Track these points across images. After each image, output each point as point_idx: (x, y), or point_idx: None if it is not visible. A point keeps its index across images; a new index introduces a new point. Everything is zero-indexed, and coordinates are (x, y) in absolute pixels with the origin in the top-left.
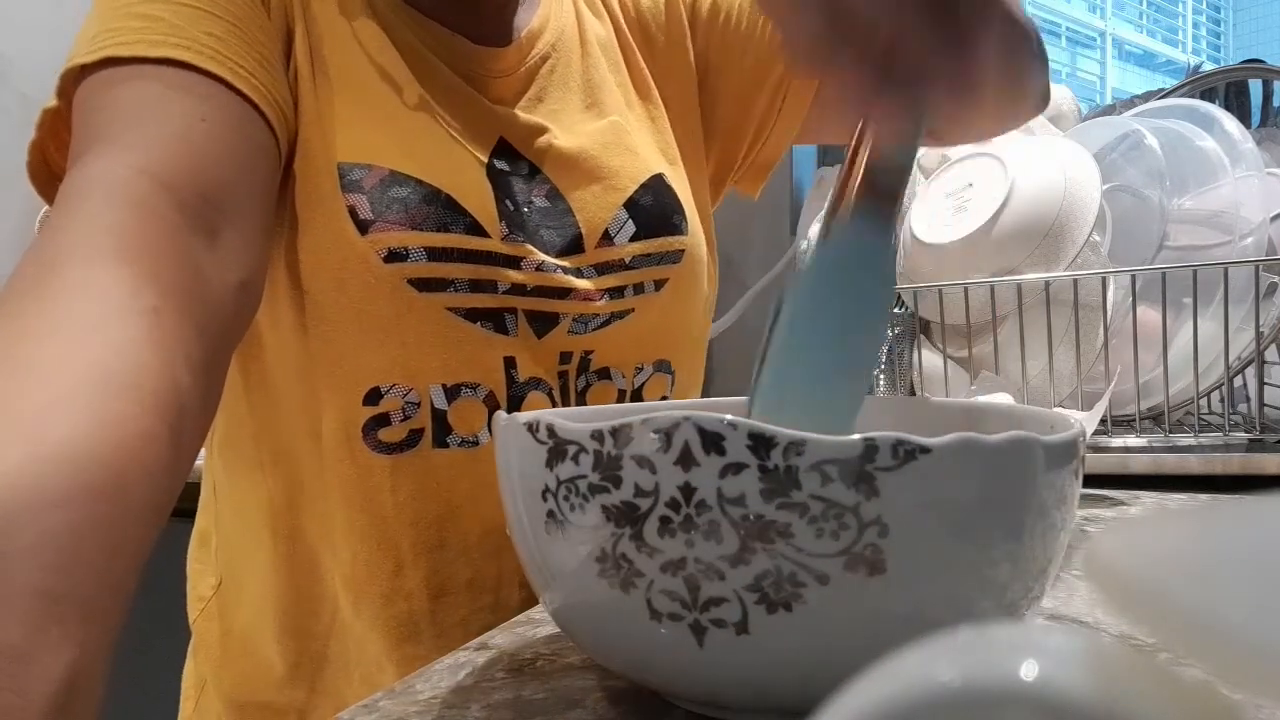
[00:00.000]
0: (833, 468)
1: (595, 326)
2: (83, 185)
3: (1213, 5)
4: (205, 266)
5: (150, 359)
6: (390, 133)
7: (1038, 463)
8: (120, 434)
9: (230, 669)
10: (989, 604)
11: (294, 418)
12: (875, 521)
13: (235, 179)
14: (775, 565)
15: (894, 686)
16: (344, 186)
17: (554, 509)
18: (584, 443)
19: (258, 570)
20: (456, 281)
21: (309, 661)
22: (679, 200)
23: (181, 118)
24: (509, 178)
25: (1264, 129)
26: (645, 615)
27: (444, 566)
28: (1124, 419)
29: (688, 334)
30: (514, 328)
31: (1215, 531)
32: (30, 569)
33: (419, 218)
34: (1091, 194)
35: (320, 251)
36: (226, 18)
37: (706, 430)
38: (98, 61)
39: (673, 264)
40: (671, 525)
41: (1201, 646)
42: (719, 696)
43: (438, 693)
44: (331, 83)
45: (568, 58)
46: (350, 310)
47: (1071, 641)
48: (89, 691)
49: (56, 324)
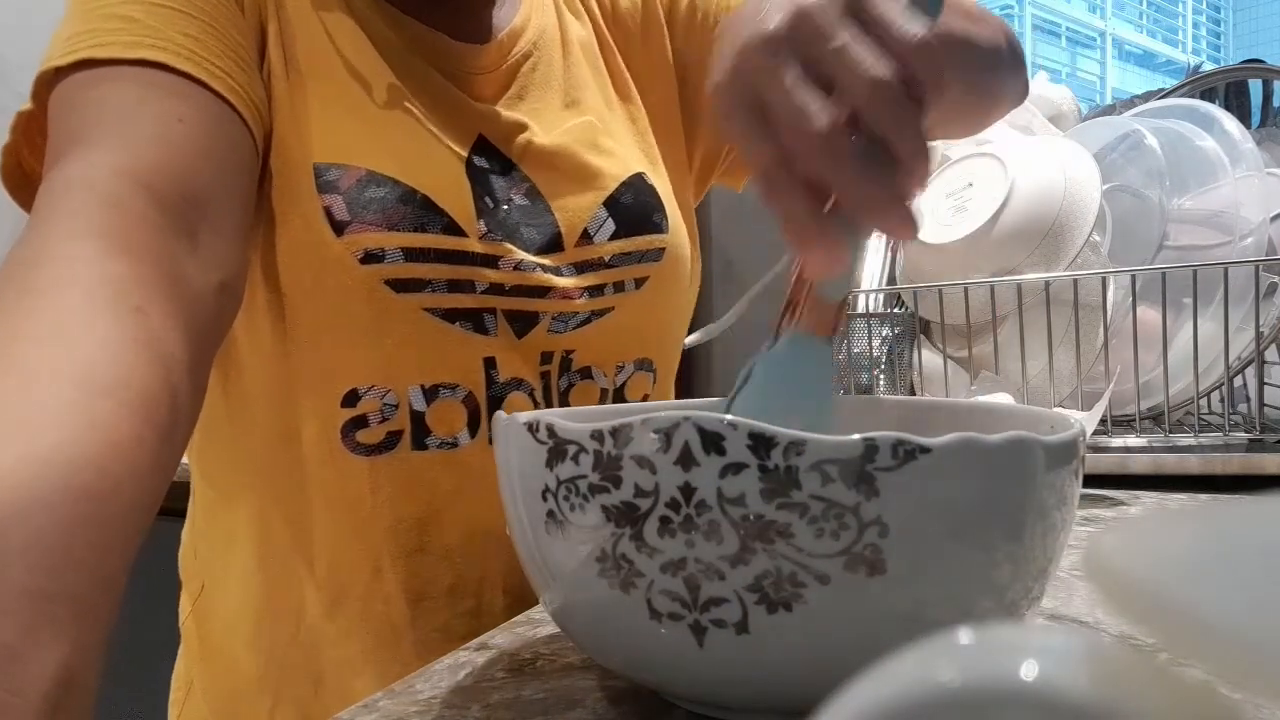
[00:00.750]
0: (833, 468)
1: (575, 325)
2: (63, 186)
3: (1213, 5)
4: (187, 267)
5: (138, 359)
6: (367, 132)
7: (1037, 463)
8: (109, 435)
9: (209, 672)
10: (989, 604)
11: (271, 420)
12: (875, 521)
13: (214, 180)
14: (775, 565)
15: (894, 686)
16: (320, 187)
17: (554, 509)
18: (584, 443)
19: (231, 575)
20: (434, 282)
21: (276, 669)
22: (660, 199)
23: (160, 119)
24: (488, 175)
25: (1264, 129)
26: (645, 615)
27: (424, 570)
28: (1124, 419)
29: (669, 332)
30: (493, 327)
31: (1215, 531)
32: (22, 569)
33: (395, 218)
34: (1091, 194)
35: (296, 253)
36: (202, 18)
37: (707, 430)
38: (73, 64)
39: (653, 262)
40: (671, 525)
41: (1201, 646)
42: (719, 696)
43: (438, 693)
44: (306, 81)
45: (549, 57)
46: (327, 312)
47: (1071, 641)
48: (83, 688)
49: (44, 324)
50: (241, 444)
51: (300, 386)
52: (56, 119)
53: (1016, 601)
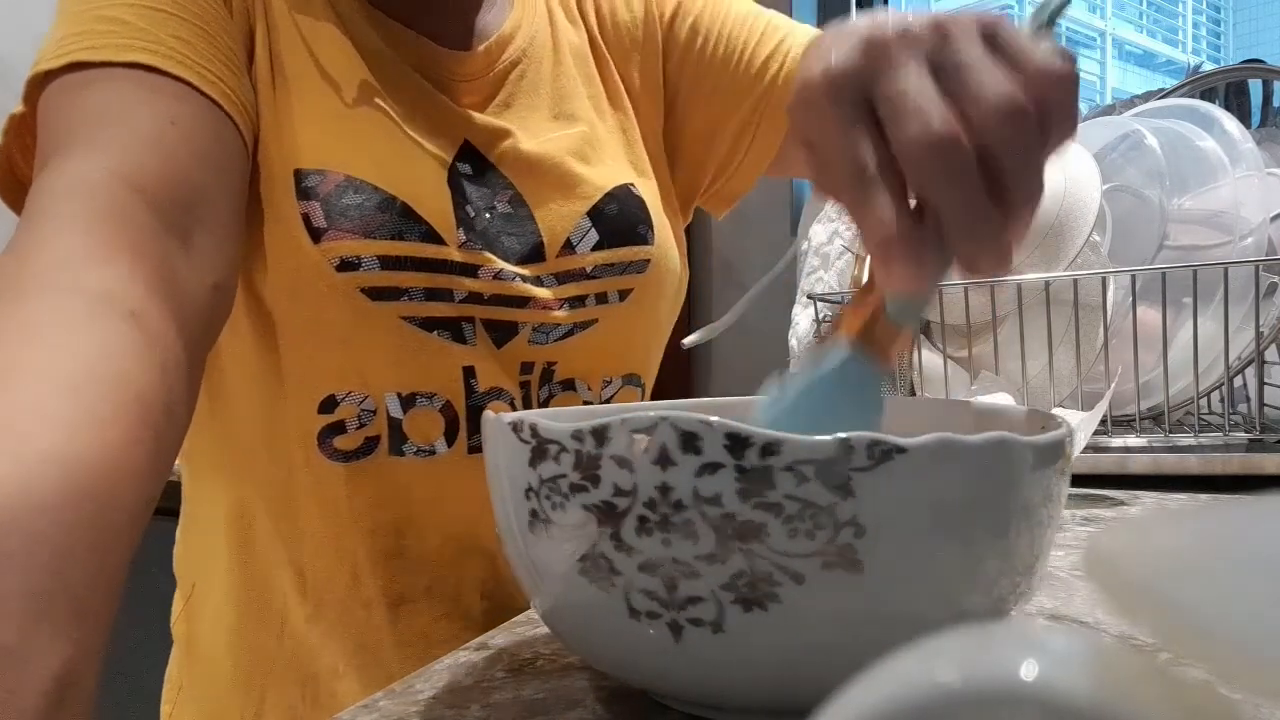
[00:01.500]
0: (808, 468)
1: (557, 337)
2: (55, 188)
3: (1213, 5)
4: (181, 269)
5: (134, 361)
6: (348, 137)
7: (1017, 464)
8: (107, 436)
9: (196, 673)
10: (969, 605)
11: (251, 424)
12: (851, 522)
13: (207, 182)
14: (751, 565)
15: (894, 686)
16: (299, 193)
17: (536, 508)
18: (565, 442)
19: (215, 579)
20: (411, 290)
21: (260, 672)
22: (647, 210)
23: (151, 121)
24: (471, 183)
25: (1264, 129)
26: (625, 614)
27: (402, 575)
28: (1124, 419)
29: (657, 346)
30: (472, 337)
31: (1215, 531)
32: (21, 570)
33: (372, 225)
34: (1091, 194)
35: (276, 258)
36: (192, 20)
37: (683, 430)
38: (64, 66)
39: (637, 274)
40: (649, 524)
41: (1201, 646)
42: (699, 695)
43: (438, 693)
44: (289, 86)
45: (538, 64)
46: (304, 318)
47: (1071, 641)
48: (82, 689)
49: (40, 327)
50: (224, 445)
51: (279, 391)
52: (47, 121)
53: (1000, 602)
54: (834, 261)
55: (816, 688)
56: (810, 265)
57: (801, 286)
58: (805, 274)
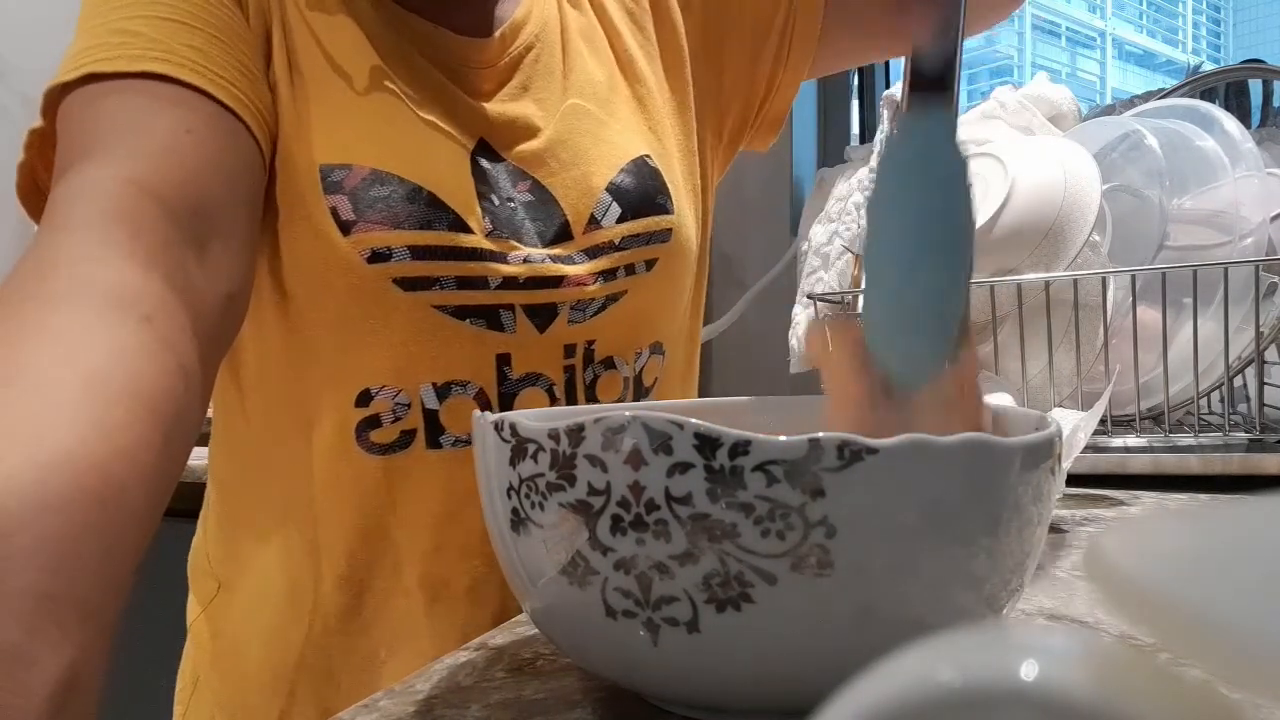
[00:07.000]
0: (778, 468)
1: (593, 313)
2: (72, 196)
3: (1213, 5)
4: (196, 278)
5: (146, 366)
6: (369, 131)
7: (990, 465)
8: (118, 440)
9: (219, 670)
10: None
11: (286, 422)
12: (821, 522)
13: (222, 190)
14: (723, 565)
15: (894, 686)
16: (325, 188)
17: (518, 507)
18: (542, 441)
19: (251, 575)
20: (442, 279)
21: (293, 668)
22: (664, 181)
23: (167, 130)
24: (491, 173)
25: (1264, 129)
26: (602, 613)
27: (442, 569)
28: (1124, 419)
29: (678, 314)
30: (511, 324)
31: (1215, 531)
32: (28, 570)
33: (401, 216)
34: (1091, 194)
35: (304, 255)
36: (206, 29)
37: (654, 430)
38: (79, 79)
39: (661, 243)
40: (623, 524)
41: (1201, 646)
42: (679, 695)
43: (438, 693)
44: (308, 84)
45: (551, 48)
46: (336, 312)
47: (1071, 641)
48: (88, 690)
49: (54, 330)
50: (257, 445)
51: (313, 387)
52: (64, 133)
53: (983, 603)
54: (834, 261)
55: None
56: (810, 265)
57: (801, 286)
58: (805, 274)
